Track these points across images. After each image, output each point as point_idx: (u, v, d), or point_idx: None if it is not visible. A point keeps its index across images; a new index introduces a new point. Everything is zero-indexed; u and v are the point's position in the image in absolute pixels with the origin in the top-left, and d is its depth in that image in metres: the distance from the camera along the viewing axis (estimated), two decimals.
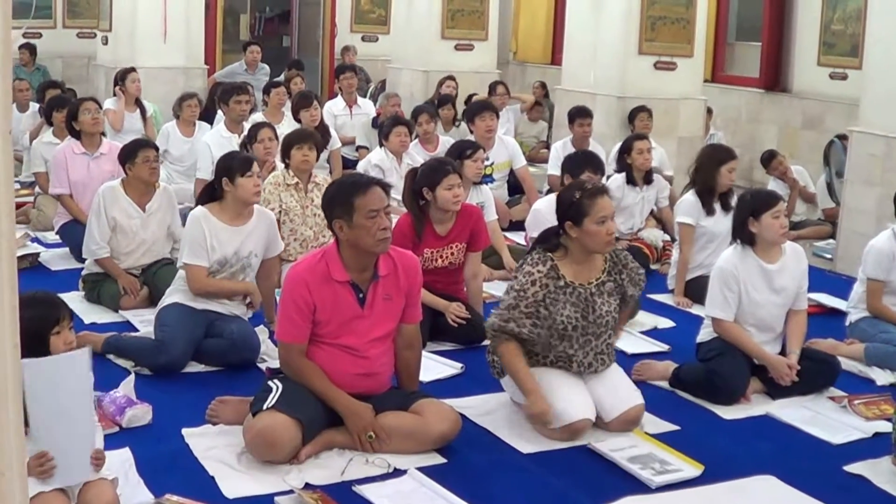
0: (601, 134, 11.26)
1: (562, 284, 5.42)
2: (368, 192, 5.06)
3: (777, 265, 6.14)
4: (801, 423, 5.80)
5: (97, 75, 15.07)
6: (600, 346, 5.54)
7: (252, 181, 6.45)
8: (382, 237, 5.04)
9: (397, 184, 9.46)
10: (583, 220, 5.34)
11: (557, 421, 5.34)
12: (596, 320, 5.47)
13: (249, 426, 4.96)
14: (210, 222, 6.45)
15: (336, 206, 5.10)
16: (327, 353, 5.11)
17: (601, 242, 5.39)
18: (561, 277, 5.43)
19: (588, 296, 5.46)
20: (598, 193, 5.41)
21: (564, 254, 5.49)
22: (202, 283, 6.43)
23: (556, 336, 5.45)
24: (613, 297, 5.55)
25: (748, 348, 6.09)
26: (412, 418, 5.11)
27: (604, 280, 5.52)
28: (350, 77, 13.41)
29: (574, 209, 5.37)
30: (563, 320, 5.41)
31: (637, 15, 11.72)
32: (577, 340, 5.46)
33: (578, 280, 5.46)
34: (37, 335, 4.26)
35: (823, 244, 10.27)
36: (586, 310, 5.44)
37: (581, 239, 5.39)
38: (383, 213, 5.04)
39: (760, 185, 11.78)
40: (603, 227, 5.34)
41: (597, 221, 5.33)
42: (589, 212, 5.33)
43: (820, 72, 13.69)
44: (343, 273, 5.10)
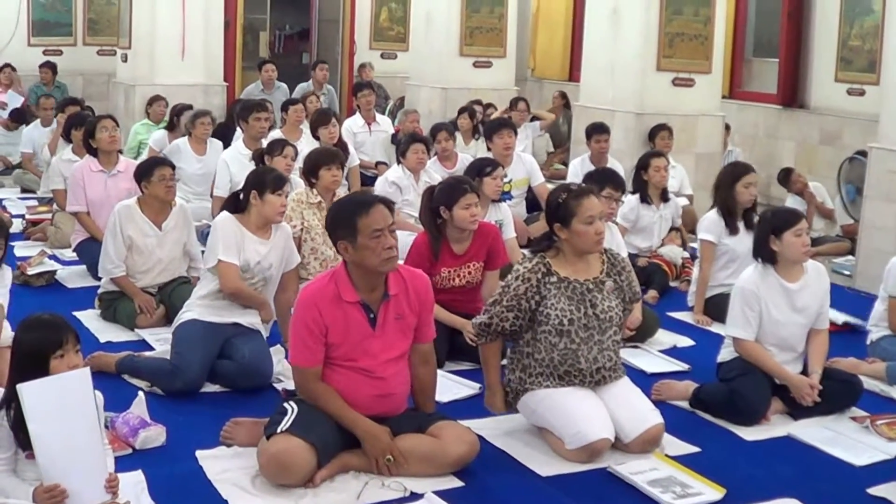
0: (619, 151, 11.21)
1: (554, 280, 5.42)
2: (371, 211, 4.99)
3: (799, 284, 6.08)
4: (823, 444, 5.72)
5: (117, 93, 15.08)
6: (606, 341, 5.47)
7: (280, 200, 6.45)
8: (388, 256, 4.98)
9: (414, 201, 9.46)
10: (571, 221, 5.37)
11: (576, 441, 5.28)
12: (598, 315, 5.43)
13: (264, 449, 4.90)
14: (238, 227, 6.46)
15: (339, 228, 5.05)
16: (342, 376, 5.05)
17: (590, 242, 5.40)
18: (554, 273, 5.43)
19: (585, 291, 5.44)
20: (583, 194, 5.44)
21: (557, 253, 5.50)
22: (235, 281, 6.41)
23: (555, 333, 5.40)
24: (615, 295, 5.51)
25: (769, 368, 6.03)
26: (429, 441, 5.05)
27: (602, 279, 5.50)
28: (368, 94, 13.39)
29: (562, 211, 5.40)
30: (559, 314, 5.37)
31: (655, 31, 11.69)
32: (578, 335, 5.40)
33: (574, 276, 5.46)
34: (37, 358, 4.25)
35: (842, 261, 10.19)
36: (583, 304, 5.42)
37: (571, 240, 5.42)
38: (387, 232, 4.97)
39: (778, 201, 11.73)
40: (591, 228, 5.36)
41: (584, 221, 5.36)
42: (576, 212, 5.35)
43: (837, 88, 13.62)
44: (353, 294, 5.05)
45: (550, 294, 5.39)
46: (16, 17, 17.22)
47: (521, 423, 5.74)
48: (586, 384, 5.47)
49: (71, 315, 7.31)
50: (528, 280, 5.40)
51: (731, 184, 7.91)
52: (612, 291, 5.51)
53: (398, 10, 19.54)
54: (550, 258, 5.48)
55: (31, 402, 4.08)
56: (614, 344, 5.55)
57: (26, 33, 17.37)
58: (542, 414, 5.48)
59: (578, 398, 5.41)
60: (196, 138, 11.07)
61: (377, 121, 13.39)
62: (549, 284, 5.40)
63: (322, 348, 5.03)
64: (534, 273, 5.41)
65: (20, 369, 4.26)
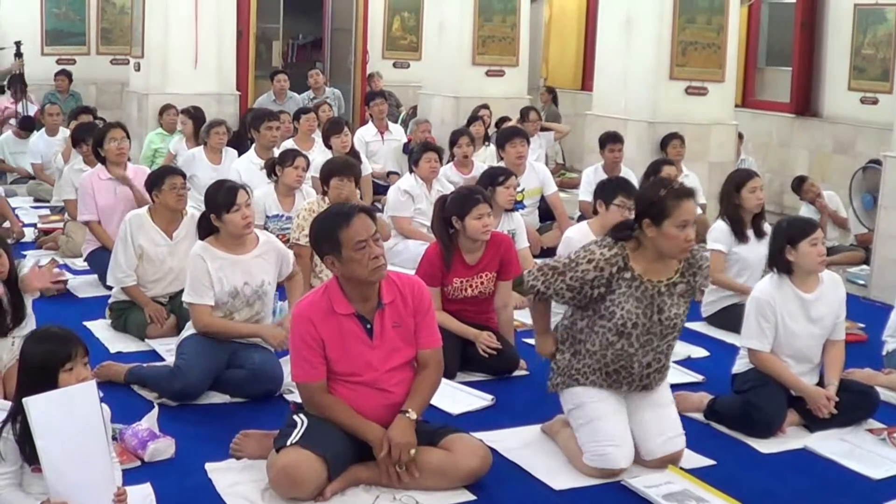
0: (632, 160, 11.15)
1: (628, 276, 5.16)
2: (353, 222, 4.91)
3: (814, 294, 6.02)
4: (840, 456, 5.68)
5: (130, 102, 15.07)
6: (662, 346, 5.32)
7: (240, 214, 6.29)
8: (375, 266, 4.89)
9: (427, 210, 9.45)
10: (663, 221, 5.09)
11: (597, 461, 5.24)
12: (662, 321, 5.23)
13: (273, 462, 4.86)
14: (212, 256, 6.33)
15: (323, 243, 4.98)
16: (348, 390, 5.00)
17: (677, 248, 5.15)
18: (629, 269, 5.17)
19: (655, 294, 5.20)
20: (683, 195, 5.14)
21: (637, 246, 5.22)
22: (205, 322, 6.30)
23: (615, 331, 5.21)
24: (684, 299, 5.31)
25: (785, 379, 5.97)
26: (441, 454, 5.00)
27: (676, 281, 5.28)
28: (380, 103, 13.39)
29: (656, 208, 5.10)
30: (624, 314, 5.17)
31: (668, 40, 11.63)
32: (638, 339, 5.23)
33: (648, 276, 5.20)
34: (46, 371, 4.22)
35: (857, 270, 10.14)
36: (650, 308, 5.20)
37: (657, 241, 5.14)
38: (372, 241, 4.89)
39: (791, 210, 11.68)
40: (683, 233, 5.08)
41: (678, 225, 5.08)
42: (671, 213, 5.07)
43: (851, 96, 13.57)
44: (346, 306, 4.99)
45: (620, 290, 5.16)
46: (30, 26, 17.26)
47: (535, 435, 5.72)
48: (633, 388, 5.36)
49: (81, 325, 7.35)
50: (600, 269, 5.14)
51: (735, 191, 7.87)
52: (682, 294, 5.30)
53: (411, 19, 19.52)
54: (630, 250, 5.20)
55: (37, 416, 4.05)
56: (669, 348, 5.39)
57: (40, 42, 17.37)
58: (574, 418, 5.40)
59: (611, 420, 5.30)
60: (211, 148, 11.06)
61: (390, 129, 13.39)
62: (621, 280, 5.15)
63: (322, 361, 4.96)
64: (609, 264, 5.14)
65: (28, 382, 4.23)
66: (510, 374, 6.77)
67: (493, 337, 6.72)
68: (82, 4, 17.77)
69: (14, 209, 10.87)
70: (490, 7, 15.09)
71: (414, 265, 7.12)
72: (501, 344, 6.78)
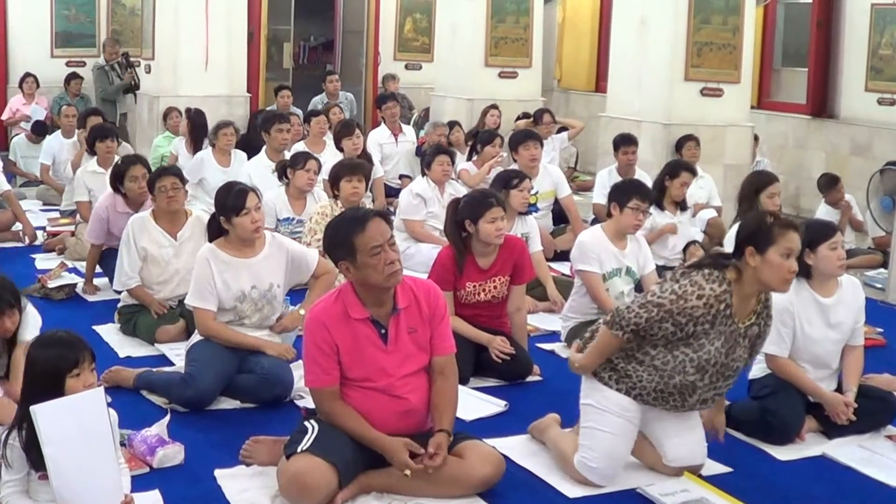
0: (646, 162, 11.09)
1: (728, 314, 4.96)
2: (367, 228, 4.86)
3: (833, 299, 5.94)
4: (858, 463, 5.61)
5: (140, 104, 15.04)
6: (722, 388, 5.18)
7: (249, 218, 6.26)
8: (391, 271, 4.84)
9: (439, 213, 9.40)
10: (767, 249, 4.91)
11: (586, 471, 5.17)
12: (729, 363, 5.07)
13: (283, 469, 4.80)
14: (219, 259, 6.30)
15: (337, 249, 4.94)
16: (362, 395, 4.94)
17: (780, 279, 4.96)
18: (730, 306, 4.96)
19: (739, 335, 5.05)
20: (790, 226, 5.00)
21: (738, 278, 5.01)
22: (208, 326, 6.27)
23: (695, 364, 5.00)
24: (750, 342, 5.15)
25: (803, 385, 5.89)
26: (454, 461, 4.92)
27: (753, 322, 5.11)
28: (393, 106, 13.36)
29: (761, 235, 4.94)
30: (712, 351, 4.98)
31: (683, 41, 11.57)
32: (711, 377, 5.06)
33: (738, 315, 5.03)
34: (53, 376, 4.19)
35: (874, 273, 10.06)
36: (730, 348, 5.03)
37: (759, 270, 4.94)
38: (387, 247, 4.85)
39: (808, 212, 11.61)
40: (787, 262, 4.91)
41: (782, 253, 4.91)
42: (777, 241, 4.91)
43: (868, 97, 13.53)
44: (361, 310, 4.93)
45: (715, 329, 4.97)
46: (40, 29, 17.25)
47: None
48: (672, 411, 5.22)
49: (90, 329, 7.32)
50: (710, 307, 4.91)
51: (754, 194, 7.81)
52: (751, 338, 5.13)
53: (423, 20, 19.49)
54: (734, 282, 4.99)
55: (45, 423, 4.02)
56: (727, 388, 5.24)
57: (49, 45, 17.35)
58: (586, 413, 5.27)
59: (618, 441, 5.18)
60: (220, 149, 11.01)
61: (403, 132, 13.35)
62: (722, 317, 4.95)
63: (336, 367, 4.91)
64: (719, 301, 4.92)
65: (34, 388, 4.19)
66: (523, 380, 6.70)
67: (507, 342, 6.64)
68: (92, 6, 17.76)
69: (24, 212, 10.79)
70: (503, 8, 15.08)
71: (426, 269, 7.06)
72: (515, 349, 6.70)
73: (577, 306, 7.28)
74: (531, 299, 7.87)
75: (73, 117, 12.90)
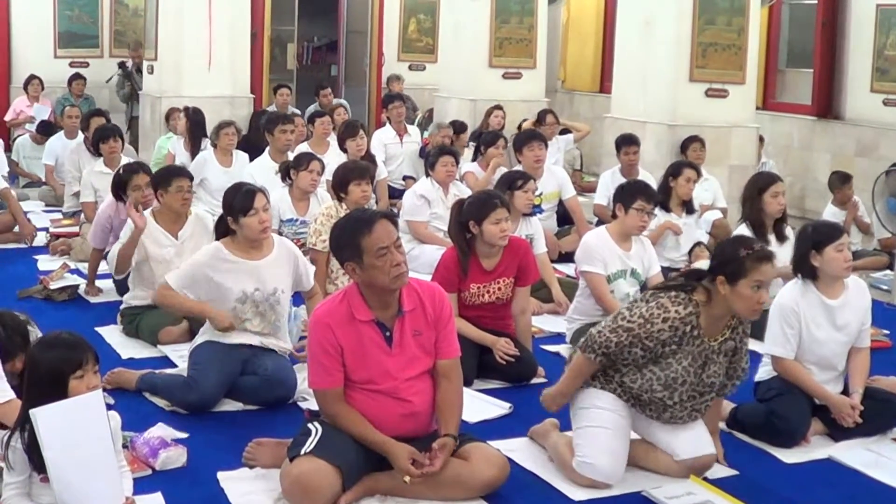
0: (651, 162, 11.07)
1: (695, 334, 5.06)
2: (374, 229, 4.84)
3: (839, 300, 5.91)
4: (865, 467, 5.57)
5: (144, 105, 15.03)
6: (698, 405, 5.21)
7: (257, 219, 6.21)
8: (397, 273, 4.82)
9: (443, 214, 9.37)
10: (738, 281, 4.97)
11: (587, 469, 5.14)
12: (704, 379, 5.13)
13: (287, 472, 4.78)
14: (223, 258, 6.27)
15: (344, 250, 4.92)
16: (365, 397, 4.92)
17: (748, 310, 5.04)
18: (698, 327, 5.06)
19: (710, 353, 5.12)
20: (764, 258, 5.03)
21: (707, 300, 5.08)
22: (161, 293, 6.39)
23: (663, 382, 5.09)
24: (726, 357, 5.20)
25: (809, 388, 5.86)
26: (458, 463, 4.90)
27: (728, 338, 5.17)
28: (399, 106, 13.35)
29: (734, 266, 5.00)
30: (679, 370, 5.06)
31: (688, 42, 11.54)
32: (682, 395, 5.13)
33: (708, 334, 5.11)
34: (56, 378, 4.17)
35: (880, 275, 10.01)
36: (700, 367, 5.11)
37: (729, 299, 5.02)
38: (394, 248, 4.83)
39: (814, 214, 11.57)
40: (756, 293, 4.98)
41: (752, 286, 4.96)
42: (749, 274, 4.97)
43: (873, 98, 13.49)
44: (366, 312, 4.91)
45: (683, 349, 5.06)
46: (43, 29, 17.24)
47: None
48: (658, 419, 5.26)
49: (93, 330, 7.29)
50: (675, 329, 5.01)
51: (757, 195, 7.75)
52: (727, 354, 5.19)
53: (427, 21, 19.48)
54: (702, 305, 5.06)
55: (44, 426, 4.00)
56: (705, 407, 5.27)
57: (52, 45, 17.34)
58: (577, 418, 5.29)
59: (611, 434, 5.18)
60: (221, 149, 10.97)
61: (408, 132, 13.32)
62: (689, 338, 5.05)
63: (340, 368, 4.89)
64: (684, 323, 5.01)
65: (36, 390, 4.16)
66: (528, 382, 6.65)
67: (511, 343, 6.61)
68: (95, 7, 17.74)
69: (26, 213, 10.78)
70: (507, 8, 15.07)
71: (430, 270, 7.04)
72: (519, 351, 6.68)
73: (582, 308, 7.25)
74: (536, 301, 7.84)
75: (77, 118, 12.87)
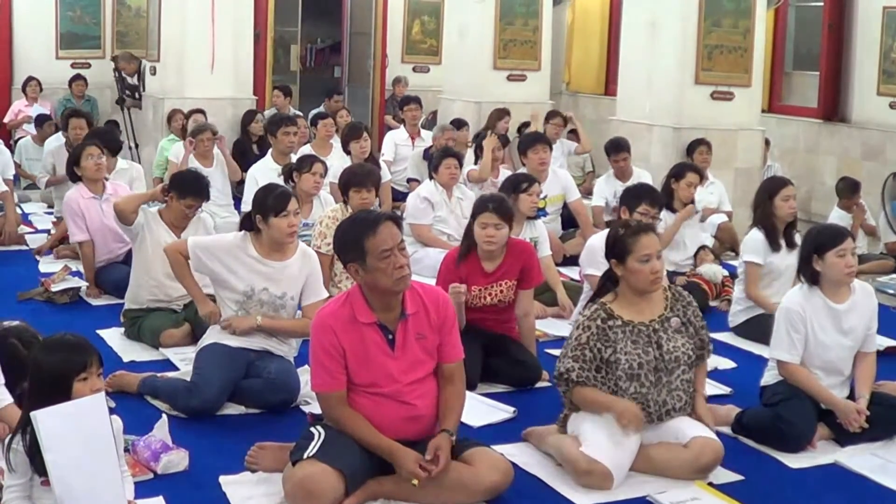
0: (657, 165, 11.05)
1: (619, 324, 5.27)
2: (379, 231, 4.82)
3: (846, 305, 5.88)
4: (872, 472, 5.53)
5: (146, 106, 14.98)
6: (674, 382, 5.30)
7: (287, 221, 6.19)
8: (400, 276, 4.81)
9: (447, 217, 9.36)
10: (626, 258, 5.28)
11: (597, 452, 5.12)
12: (664, 356, 5.27)
13: (289, 476, 4.76)
14: (245, 251, 6.25)
15: (347, 251, 4.90)
16: (368, 400, 4.90)
17: (646, 281, 5.29)
18: (616, 318, 5.29)
19: (651, 332, 5.29)
20: (640, 231, 5.35)
21: (615, 297, 5.38)
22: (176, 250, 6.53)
23: (625, 378, 5.24)
24: (681, 334, 5.34)
25: (815, 392, 5.83)
26: (462, 468, 4.88)
27: (667, 316, 5.35)
28: (414, 109, 13.44)
29: (618, 247, 5.32)
30: (628, 359, 5.22)
31: (693, 44, 11.51)
32: (648, 378, 5.24)
33: (638, 318, 5.30)
34: (60, 380, 4.12)
35: (886, 279, 9.98)
36: (650, 346, 5.26)
37: (627, 278, 5.32)
38: (397, 251, 4.81)
39: (820, 217, 11.54)
40: (647, 266, 5.25)
41: (640, 259, 5.25)
42: (632, 249, 5.26)
43: (880, 101, 13.45)
44: (369, 315, 4.89)
45: (618, 339, 5.25)
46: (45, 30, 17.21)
47: None
48: (652, 422, 5.30)
49: (94, 333, 7.26)
50: (588, 328, 5.27)
51: (768, 199, 7.72)
52: (679, 329, 5.35)
53: (431, 22, 19.46)
54: (609, 302, 5.36)
55: (45, 429, 3.96)
56: (683, 384, 5.36)
57: (54, 46, 17.31)
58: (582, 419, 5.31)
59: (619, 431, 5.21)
60: (200, 153, 10.88)
61: (421, 136, 13.34)
62: (614, 329, 5.27)
63: (343, 371, 4.87)
64: (593, 320, 5.28)
65: (41, 392, 4.12)
66: (532, 386, 6.64)
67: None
68: (97, 7, 17.70)
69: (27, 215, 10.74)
70: (512, 10, 15.05)
71: (434, 273, 7.02)
72: (523, 355, 6.67)
73: None
74: (540, 305, 7.81)
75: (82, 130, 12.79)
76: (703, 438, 5.24)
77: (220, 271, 6.25)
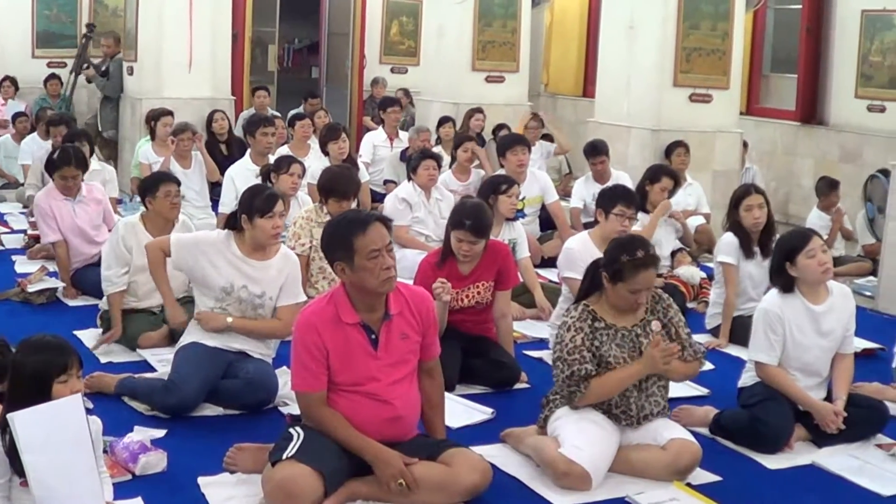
0: (635, 167, 11.05)
1: (602, 326, 5.31)
2: (368, 230, 4.82)
3: (824, 306, 5.90)
4: (849, 473, 5.57)
5: (123, 106, 14.92)
6: (651, 387, 5.36)
7: (272, 223, 6.18)
8: (386, 277, 4.81)
9: (425, 219, 9.36)
10: (618, 283, 5.27)
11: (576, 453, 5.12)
12: None
13: (268, 477, 4.74)
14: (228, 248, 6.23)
15: (335, 249, 4.88)
16: (349, 401, 4.89)
17: (626, 305, 5.34)
18: (600, 320, 5.32)
19: (634, 337, 5.33)
20: (642, 266, 5.26)
21: (599, 298, 5.40)
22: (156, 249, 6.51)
23: None
24: (661, 335, 5.35)
25: (793, 394, 5.85)
26: (441, 469, 4.88)
27: (648, 319, 5.38)
28: (396, 111, 13.45)
29: (617, 269, 5.27)
30: (612, 361, 5.26)
31: (672, 46, 11.53)
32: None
33: (621, 323, 5.34)
34: (40, 381, 4.11)
35: (864, 281, 10.01)
36: (633, 350, 5.30)
37: (611, 295, 5.34)
38: (385, 252, 4.81)
39: (797, 219, 11.57)
40: (633, 297, 5.28)
41: (631, 291, 5.26)
42: (627, 280, 5.25)
43: (857, 104, 13.54)
44: (353, 315, 4.89)
45: (604, 341, 5.29)
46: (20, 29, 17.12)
47: None
48: (632, 425, 5.35)
49: (71, 334, 7.20)
50: (580, 329, 5.29)
51: (734, 207, 7.73)
52: (659, 331, 5.36)
53: (409, 23, 19.44)
54: (593, 304, 5.39)
55: (23, 431, 3.95)
56: (660, 389, 5.42)
57: (30, 45, 17.21)
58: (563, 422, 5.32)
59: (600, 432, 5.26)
60: (179, 153, 10.86)
61: (399, 137, 13.32)
62: (600, 331, 5.32)
63: (324, 371, 4.87)
64: (583, 321, 5.31)
65: (20, 393, 4.11)
66: (510, 388, 6.64)
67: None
68: (74, 6, 17.53)
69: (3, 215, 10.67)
70: (490, 12, 15.03)
71: (412, 274, 7.00)
72: (502, 356, 6.67)
73: None
74: (518, 306, 7.81)
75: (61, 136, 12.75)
76: (680, 440, 5.27)
77: (202, 265, 6.22)
